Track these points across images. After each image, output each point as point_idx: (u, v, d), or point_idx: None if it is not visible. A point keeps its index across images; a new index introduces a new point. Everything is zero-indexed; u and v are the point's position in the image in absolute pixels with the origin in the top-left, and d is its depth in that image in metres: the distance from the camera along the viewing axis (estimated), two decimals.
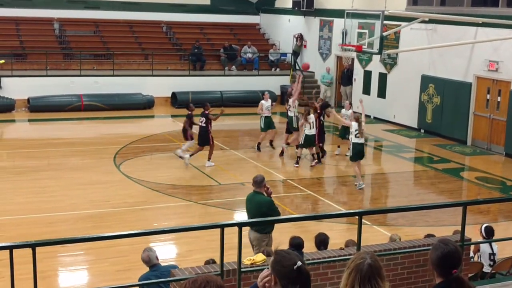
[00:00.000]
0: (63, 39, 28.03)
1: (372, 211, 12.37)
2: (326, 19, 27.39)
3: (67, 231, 11.78)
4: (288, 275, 3.57)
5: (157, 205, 13.94)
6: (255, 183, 9.73)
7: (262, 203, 9.56)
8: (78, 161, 17.24)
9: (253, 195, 9.76)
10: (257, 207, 9.59)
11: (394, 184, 16.77)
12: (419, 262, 7.46)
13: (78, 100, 24.25)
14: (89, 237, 6.60)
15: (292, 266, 3.56)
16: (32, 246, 5.44)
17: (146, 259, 7.78)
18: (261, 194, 9.69)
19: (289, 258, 3.62)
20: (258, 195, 9.68)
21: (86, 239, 6.95)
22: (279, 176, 16.41)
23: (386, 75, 24.15)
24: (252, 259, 6.78)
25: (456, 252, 4.20)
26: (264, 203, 9.56)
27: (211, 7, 31.50)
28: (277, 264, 3.64)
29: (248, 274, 6.57)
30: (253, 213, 9.64)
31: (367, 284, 3.69)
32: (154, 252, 7.85)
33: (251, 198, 9.80)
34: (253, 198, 9.74)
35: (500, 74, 19.21)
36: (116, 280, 9.70)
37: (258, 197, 9.68)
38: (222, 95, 26.34)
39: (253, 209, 9.66)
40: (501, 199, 14.54)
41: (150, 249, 7.97)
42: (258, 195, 9.69)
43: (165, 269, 7.53)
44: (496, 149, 19.60)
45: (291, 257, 3.63)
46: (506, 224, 13.28)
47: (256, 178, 9.84)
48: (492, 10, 19.72)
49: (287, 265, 3.59)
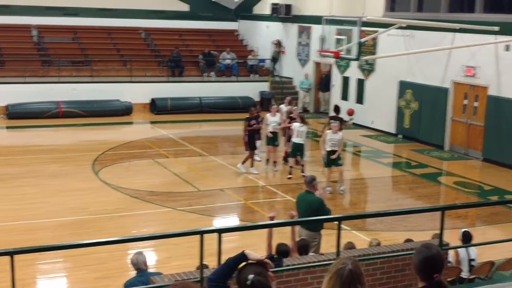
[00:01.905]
0: (41, 46, 27.85)
1: (351, 216, 12.43)
2: (304, 26, 27.50)
3: (46, 238, 11.70)
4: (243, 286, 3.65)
5: (136, 212, 13.87)
6: (306, 183, 10.28)
7: (313, 202, 9.96)
8: (56, 168, 17.12)
9: (305, 194, 10.25)
10: (307, 206, 9.97)
11: (372, 189, 16.86)
12: (398, 267, 7.50)
13: (57, 107, 24.10)
14: (67, 245, 6.55)
15: (245, 281, 3.64)
16: (11, 254, 5.39)
17: (134, 261, 7.82)
18: (312, 193, 10.12)
19: (244, 272, 3.69)
20: (310, 194, 10.14)
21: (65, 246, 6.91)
22: (258, 182, 16.42)
23: (364, 81, 24.29)
24: None
25: (438, 256, 4.23)
26: (314, 202, 9.96)
27: (189, 13, 31.49)
28: (236, 277, 3.73)
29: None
30: (303, 211, 10.00)
31: None
32: (143, 257, 7.86)
33: (302, 197, 10.30)
34: (305, 197, 10.20)
35: (477, 79, 19.41)
36: None
37: (309, 196, 10.12)
38: (201, 101, 26.33)
39: (304, 208, 10.04)
40: (478, 204, 14.68)
41: (141, 253, 8.00)
42: (309, 195, 10.14)
43: (151, 275, 7.51)
44: (474, 154, 19.77)
45: (246, 271, 3.69)
46: (484, 229, 13.38)
47: (306, 178, 10.42)
48: (469, 16, 19.92)
49: (242, 279, 3.67)
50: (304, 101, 27.62)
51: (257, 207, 14.34)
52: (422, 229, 12.85)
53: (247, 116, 17.08)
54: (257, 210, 14.10)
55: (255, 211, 14.06)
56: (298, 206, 10.27)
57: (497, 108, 18.75)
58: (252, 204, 14.62)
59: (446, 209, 7.56)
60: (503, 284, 7.55)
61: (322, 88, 26.87)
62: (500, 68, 18.66)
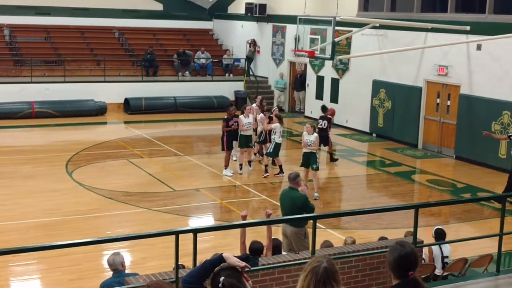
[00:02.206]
0: (13, 46, 27.56)
1: (326, 215, 12.45)
2: (278, 25, 27.55)
3: (19, 240, 11.57)
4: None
5: (111, 212, 13.79)
6: (290, 180, 10.11)
7: (296, 198, 9.87)
8: (29, 169, 16.95)
9: (288, 191, 10.12)
10: (291, 202, 9.90)
11: (347, 188, 16.95)
12: (373, 264, 7.55)
13: (29, 107, 23.86)
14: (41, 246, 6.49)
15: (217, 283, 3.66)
16: None
17: (110, 262, 7.75)
18: (296, 190, 10.01)
19: (217, 274, 3.71)
20: (293, 191, 10.02)
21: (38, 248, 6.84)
22: (233, 181, 16.41)
23: (338, 80, 24.39)
24: None
25: (412, 254, 4.27)
26: (298, 198, 9.86)
27: (163, 12, 31.38)
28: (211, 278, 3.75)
29: None
30: (287, 208, 9.94)
31: (322, 287, 3.73)
32: (121, 257, 7.78)
33: (286, 193, 10.17)
34: (288, 194, 10.08)
35: (449, 78, 19.59)
36: None
37: (293, 192, 10.00)
38: (175, 100, 26.25)
39: (288, 204, 9.97)
40: (452, 201, 14.82)
41: (118, 253, 7.92)
42: (293, 191, 10.02)
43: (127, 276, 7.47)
44: (447, 152, 19.96)
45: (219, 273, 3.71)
46: (457, 226, 13.52)
47: (290, 174, 10.24)
48: (441, 15, 20.11)
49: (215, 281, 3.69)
50: (279, 101, 27.67)
51: (232, 207, 14.34)
52: (396, 226, 12.94)
53: (225, 117, 17.04)
54: (233, 210, 14.10)
55: (231, 211, 14.05)
56: (281, 202, 10.24)
57: (469, 107, 18.95)
58: (228, 203, 14.61)
59: (420, 207, 7.62)
60: (476, 281, 7.64)
61: (297, 88, 26.95)
62: (472, 67, 18.86)
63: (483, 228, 13.07)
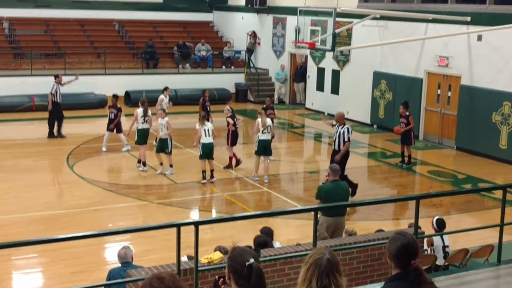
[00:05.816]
0: (13, 39, 27.52)
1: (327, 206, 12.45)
2: (279, 17, 27.50)
3: (20, 233, 11.58)
4: (240, 271, 3.64)
5: (112, 205, 13.80)
6: (334, 171, 9.86)
7: (347, 188, 9.90)
8: (30, 163, 16.96)
9: (336, 184, 9.87)
10: (347, 193, 9.90)
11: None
12: (374, 256, 7.57)
13: (30, 100, 23.84)
14: (43, 239, 6.52)
15: (244, 263, 3.64)
16: None
17: (122, 255, 7.87)
18: (339, 181, 9.93)
19: (242, 255, 3.70)
20: (340, 182, 9.90)
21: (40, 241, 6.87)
22: (234, 173, 16.41)
23: (339, 71, 24.36)
24: (209, 257, 6.78)
25: (414, 243, 4.30)
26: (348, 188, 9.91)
27: (163, 5, 31.30)
28: (231, 260, 3.73)
29: (205, 272, 6.57)
30: (341, 200, 9.75)
31: (325, 279, 3.74)
32: (131, 251, 7.98)
33: (335, 187, 9.87)
34: (339, 186, 9.86)
35: (450, 69, 19.57)
36: (71, 282, 9.59)
37: (342, 184, 9.91)
38: (176, 93, 26.19)
39: (345, 196, 9.87)
40: (452, 192, 14.83)
41: (128, 247, 8.07)
42: (339, 183, 9.86)
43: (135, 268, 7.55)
44: (447, 143, 19.96)
45: (245, 254, 3.70)
46: (458, 217, 13.53)
47: (334, 166, 10.07)
48: (442, 6, 20.07)
49: (240, 262, 3.66)
50: (279, 92, 27.66)
51: (234, 199, 14.35)
52: (397, 218, 12.96)
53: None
54: (234, 202, 14.11)
55: (233, 203, 14.07)
56: (333, 196, 9.71)
57: (470, 98, 18.93)
58: (229, 196, 14.62)
59: (421, 198, 7.64)
60: (477, 271, 7.65)
61: (297, 79, 26.92)
62: (473, 58, 18.83)
63: (484, 218, 13.08)
